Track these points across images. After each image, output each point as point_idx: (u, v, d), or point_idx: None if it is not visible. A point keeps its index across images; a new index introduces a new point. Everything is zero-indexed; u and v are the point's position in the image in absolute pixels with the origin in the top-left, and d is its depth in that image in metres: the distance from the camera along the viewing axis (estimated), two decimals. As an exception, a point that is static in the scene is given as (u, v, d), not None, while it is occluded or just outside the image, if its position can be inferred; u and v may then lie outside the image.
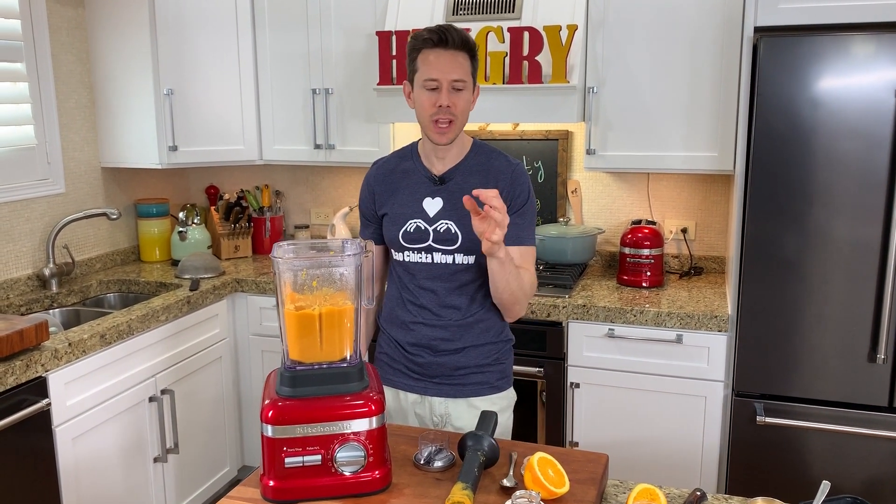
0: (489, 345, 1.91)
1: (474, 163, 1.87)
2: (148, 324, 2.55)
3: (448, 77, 1.75)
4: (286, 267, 1.33)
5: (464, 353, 1.89)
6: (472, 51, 1.79)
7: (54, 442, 2.22)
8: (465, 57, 1.78)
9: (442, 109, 1.76)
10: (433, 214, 1.85)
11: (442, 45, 1.75)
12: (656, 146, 2.73)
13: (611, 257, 3.16)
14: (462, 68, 1.77)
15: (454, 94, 1.76)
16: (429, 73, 1.75)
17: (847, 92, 2.20)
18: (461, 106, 1.78)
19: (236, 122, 3.15)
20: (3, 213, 2.73)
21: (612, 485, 1.46)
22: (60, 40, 2.93)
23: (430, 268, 1.86)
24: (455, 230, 1.83)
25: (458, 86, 1.76)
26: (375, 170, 1.97)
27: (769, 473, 2.45)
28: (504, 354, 1.97)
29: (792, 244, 2.32)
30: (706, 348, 2.52)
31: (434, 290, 1.87)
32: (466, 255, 1.85)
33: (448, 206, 1.84)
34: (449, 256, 1.85)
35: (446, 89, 1.75)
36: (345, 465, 1.32)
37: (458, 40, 1.76)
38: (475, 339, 1.89)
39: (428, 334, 1.88)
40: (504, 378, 1.97)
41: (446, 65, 1.75)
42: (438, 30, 1.76)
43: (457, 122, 1.79)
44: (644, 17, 2.66)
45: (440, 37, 1.75)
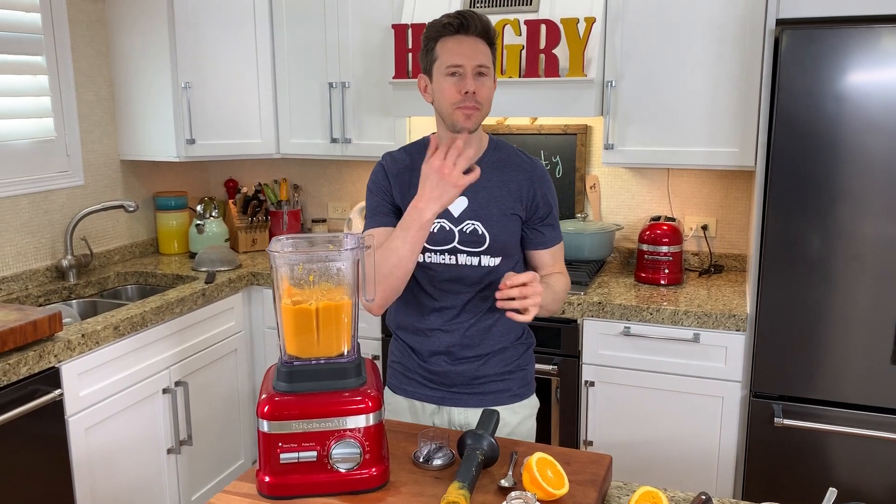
0: (510, 348, 1.84)
1: (494, 158, 1.79)
2: (162, 316, 2.56)
3: (472, 62, 1.66)
4: (283, 261, 1.31)
5: (484, 360, 1.81)
6: (491, 40, 1.72)
7: (67, 432, 2.23)
8: (486, 45, 1.70)
9: (468, 96, 1.66)
10: (458, 214, 1.76)
11: (463, 31, 1.68)
12: (676, 141, 2.68)
13: (629, 254, 3.11)
14: (486, 53, 1.70)
15: (478, 81, 1.68)
16: (451, 59, 1.67)
17: (872, 86, 2.14)
18: (485, 94, 1.70)
19: (253, 115, 3.15)
20: (23, 205, 2.76)
21: (616, 486, 1.43)
22: (81, 34, 2.96)
23: (453, 269, 1.77)
24: (482, 231, 1.75)
25: (482, 71, 1.68)
26: (390, 161, 1.84)
27: (787, 477, 2.40)
28: (526, 359, 1.89)
29: (813, 242, 2.26)
30: (724, 348, 2.47)
31: (457, 292, 1.78)
32: (493, 256, 1.77)
33: (474, 205, 1.76)
34: (475, 258, 1.76)
35: (471, 75, 1.66)
36: (340, 461, 1.31)
37: (479, 26, 1.68)
38: (495, 344, 1.81)
39: (447, 341, 1.79)
40: (526, 385, 1.88)
41: (469, 50, 1.67)
42: (459, 15, 1.68)
43: (482, 110, 1.71)
44: (664, 9, 2.61)
45: (461, 22, 1.67)
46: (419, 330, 1.82)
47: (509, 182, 1.78)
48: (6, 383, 2.03)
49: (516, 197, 1.78)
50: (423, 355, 1.83)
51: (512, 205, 1.77)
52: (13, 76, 2.68)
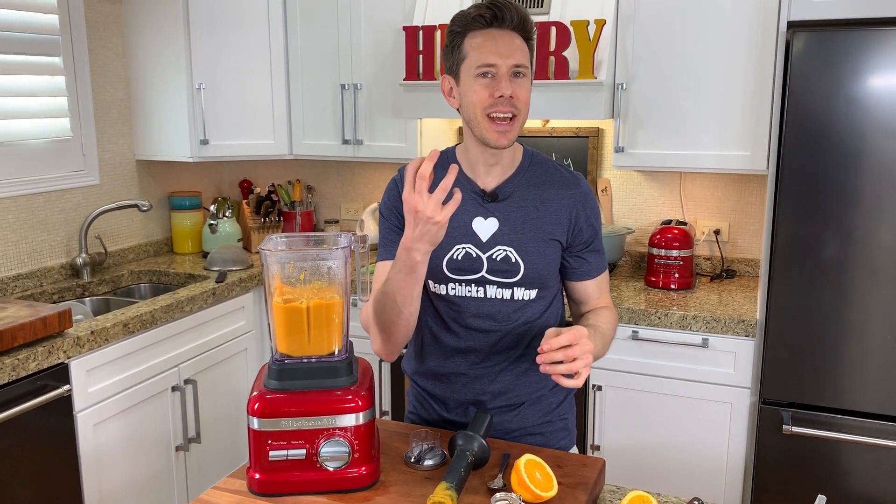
0: (548, 396, 1.61)
1: (530, 174, 1.55)
2: (172, 314, 2.58)
3: (508, 61, 1.42)
4: (274, 259, 1.32)
5: (519, 410, 1.59)
6: (529, 34, 1.47)
7: (75, 427, 2.26)
8: (522, 40, 1.46)
9: (503, 100, 1.42)
10: (486, 239, 1.51)
11: (496, 24, 1.43)
12: (687, 144, 2.65)
13: (640, 258, 3.09)
14: (523, 53, 1.45)
15: (515, 82, 1.44)
16: (483, 57, 1.42)
17: (883, 89, 2.10)
18: (524, 97, 1.45)
19: (266, 116, 3.18)
20: (39, 204, 2.80)
21: (609, 490, 1.42)
22: (98, 35, 3.00)
23: (481, 304, 1.53)
24: (516, 258, 1.51)
25: (520, 71, 1.44)
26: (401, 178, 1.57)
27: (796, 485, 2.37)
28: (566, 407, 1.66)
29: (824, 247, 2.23)
30: (733, 353, 2.44)
31: (486, 330, 1.55)
32: (528, 288, 1.53)
33: (506, 228, 1.51)
34: (507, 290, 1.52)
35: (506, 76, 1.43)
36: (329, 460, 1.31)
37: (515, 18, 1.44)
38: (533, 391, 1.59)
39: (476, 388, 1.57)
40: (567, 436, 1.67)
41: (504, 46, 1.43)
42: (491, 5, 1.43)
43: (519, 116, 1.46)
44: (675, 11, 2.59)
45: (494, 13, 1.42)
46: (441, 375, 1.60)
47: (548, 202, 1.53)
48: (15, 378, 2.06)
49: (556, 219, 1.53)
50: (448, 405, 1.61)
51: (551, 228, 1.53)
52: (31, 77, 2.73)
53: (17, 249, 2.74)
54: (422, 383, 1.65)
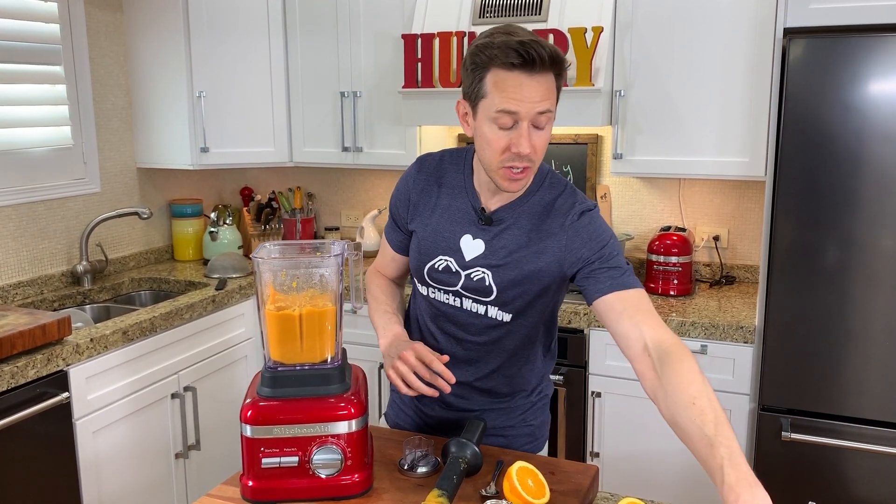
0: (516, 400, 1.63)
1: (536, 201, 1.48)
2: (172, 321, 2.59)
3: (532, 111, 1.31)
4: (266, 267, 1.33)
5: (482, 413, 1.62)
6: (561, 69, 1.35)
7: (74, 435, 2.27)
8: (553, 79, 1.34)
9: (518, 156, 1.35)
10: (469, 258, 1.50)
11: (526, 68, 1.30)
12: (685, 151, 2.66)
13: (639, 264, 3.09)
14: (550, 97, 1.33)
15: (535, 134, 1.34)
16: (505, 103, 1.31)
17: (880, 95, 2.10)
18: (541, 147, 1.36)
19: (267, 124, 3.19)
20: (40, 212, 2.82)
21: (602, 497, 1.42)
22: (99, 44, 3.02)
23: (457, 312, 1.54)
24: (490, 282, 1.49)
25: (541, 122, 1.34)
26: (419, 168, 1.58)
27: (795, 492, 2.36)
28: (532, 413, 1.65)
29: (823, 252, 2.23)
30: (732, 360, 2.44)
31: (459, 338, 1.56)
32: (502, 310, 1.51)
33: (489, 253, 1.48)
34: (481, 307, 1.52)
35: (527, 127, 1.33)
36: (321, 467, 1.31)
37: (547, 59, 1.30)
38: (498, 401, 1.61)
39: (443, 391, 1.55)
40: (532, 443, 1.66)
41: (532, 94, 1.30)
42: (523, 47, 1.28)
43: (533, 167, 1.39)
44: (673, 18, 2.59)
45: (525, 57, 1.28)
46: None
47: (543, 232, 1.47)
48: (14, 386, 2.07)
49: (545, 248, 1.46)
50: (422, 398, 1.64)
51: (537, 260, 1.46)
52: (32, 85, 2.74)
53: (18, 257, 2.76)
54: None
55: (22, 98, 2.71)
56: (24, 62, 2.70)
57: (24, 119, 2.73)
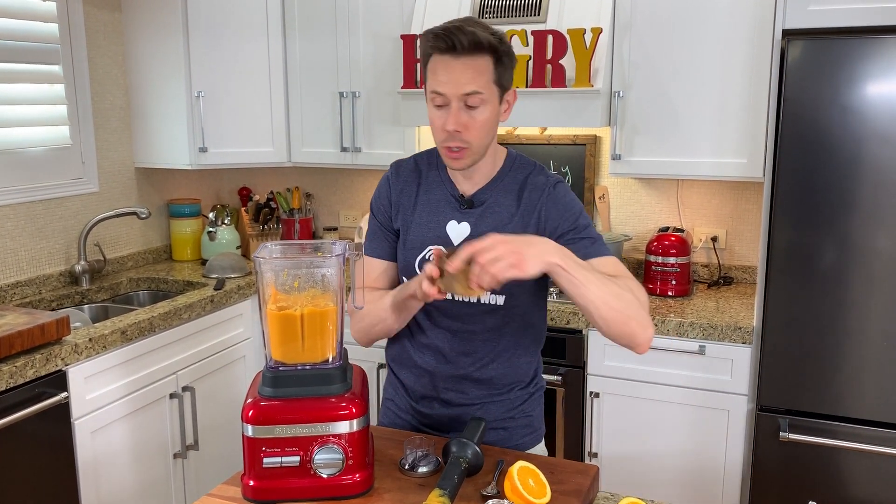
0: (513, 393, 1.63)
1: (509, 180, 1.55)
2: (170, 321, 2.59)
3: (457, 92, 1.40)
4: (268, 267, 1.33)
5: (481, 406, 1.61)
6: (493, 50, 1.41)
7: (73, 434, 2.27)
8: (487, 60, 1.41)
9: (452, 134, 1.44)
10: (457, 243, 1.54)
11: (450, 52, 1.40)
12: (684, 152, 2.66)
13: (638, 265, 3.09)
14: (478, 78, 1.40)
15: (467, 114, 1.42)
16: (434, 85, 1.43)
17: (878, 96, 2.11)
18: (475, 128, 1.43)
19: (265, 124, 3.19)
20: (38, 211, 2.81)
21: (602, 497, 1.42)
22: (97, 43, 3.02)
23: (449, 305, 1.56)
24: None
25: (472, 102, 1.41)
26: (395, 172, 1.64)
27: (793, 492, 2.36)
28: (530, 404, 1.67)
29: (821, 253, 2.24)
30: (729, 360, 2.44)
31: (452, 331, 1.58)
32: (494, 293, 1.53)
33: (476, 233, 1.52)
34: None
35: (456, 108, 1.42)
36: (322, 467, 1.32)
37: (468, 43, 1.38)
38: (497, 394, 1.61)
39: (440, 385, 1.60)
40: (532, 434, 1.67)
41: (455, 77, 1.40)
42: (445, 32, 1.39)
43: (471, 148, 1.46)
44: (672, 19, 2.60)
45: (447, 42, 1.39)
46: (414, 367, 1.64)
47: (524, 208, 1.54)
48: (13, 385, 2.07)
49: (526, 223, 1.53)
50: (415, 397, 1.65)
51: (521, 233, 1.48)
52: (31, 85, 2.74)
53: (17, 257, 2.75)
54: (395, 370, 1.70)
55: (20, 97, 2.71)
56: (23, 61, 2.70)
57: (22, 118, 2.72)
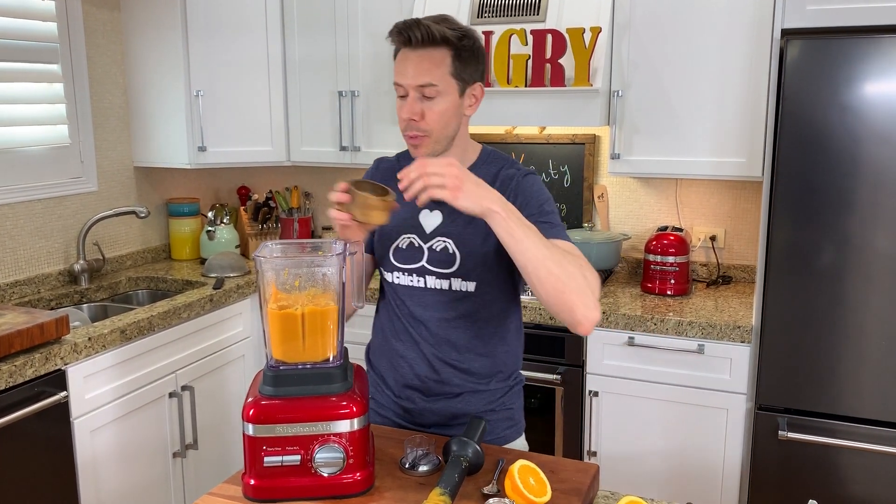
0: (493, 384, 1.66)
1: (482, 173, 1.57)
2: (170, 320, 2.59)
3: (412, 82, 1.48)
4: (268, 266, 1.33)
5: (462, 398, 1.63)
6: (451, 44, 1.48)
7: (72, 434, 2.26)
8: (445, 53, 1.48)
9: (409, 124, 1.52)
10: (430, 231, 1.60)
11: (407, 45, 1.49)
12: (683, 151, 2.67)
13: (637, 264, 3.10)
14: (434, 70, 1.48)
15: (423, 104, 1.49)
16: (395, 77, 1.52)
17: (877, 96, 2.12)
18: (432, 118, 1.50)
19: (264, 123, 3.19)
20: (37, 210, 2.81)
21: (602, 496, 1.42)
22: (96, 42, 3.01)
23: (423, 294, 1.61)
24: (453, 249, 1.58)
25: (428, 93, 1.48)
26: (376, 167, 1.74)
27: (792, 491, 2.37)
28: (511, 397, 1.70)
29: (820, 253, 2.24)
30: (728, 359, 2.45)
31: (427, 320, 1.61)
32: (465, 280, 1.58)
33: (448, 221, 1.59)
34: (444, 281, 1.59)
35: (412, 98, 1.49)
36: (323, 466, 1.32)
37: (422, 36, 1.46)
38: (476, 384, 1.64)
39: (420, 374, 1.63)
40: (513, 427, 1.71)
41: (411, 67, 1.48)
42: (403, 27, 1.48)
43: (430, 137, 1.52)
44: (670, 19, 2.60)
45: (404, 36, 1.48)
46: (393, 359, 1.67)
47: None
48: (12, 385, 2.07)
49: None
50: (395, 389, 1.67)
51: None
52: (29, 84, 2.74)
53: (15, 256, 2.75)
54: (378, 366, 1.72)
55: (19, 96, 2.71)
56: (22, 60, 2.70)
57: (21, 117, 2.72)
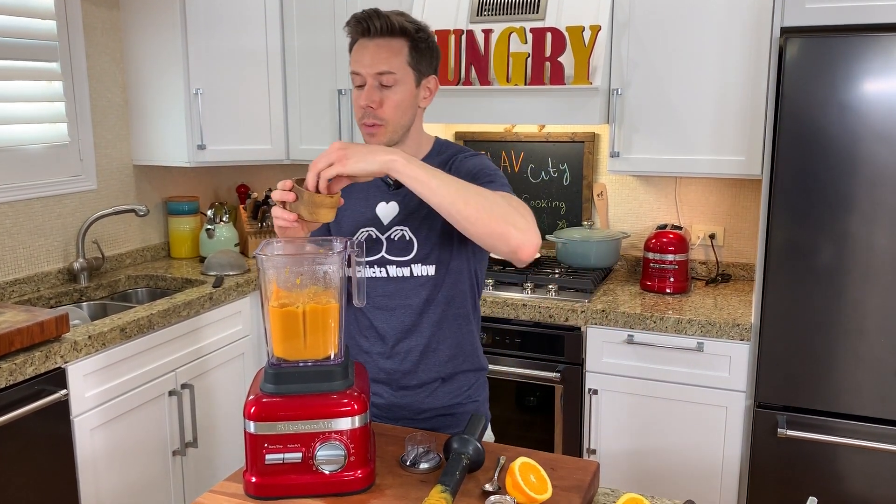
0: (459, 376, 1.69)
1: (434, 162, 1.59)
2: (169, 319, 2.59)
3: (370, 70, 1.52)
4: (270, 264, 1.33)
5: (428, 389, 1.67)
6: (408, 35, 1.53)
7: (72, 432, 2.27)
8: (402, 43, 1.53)
9: (366, 112, 1.54)
10: (387, 222, 1.64)
11: (366, 35, 1.53)
12: (682, 149, 2.67)
13: (636, 262, 3.10)
14: (392, 59, 1.52)
15: (380, 92, 1.53)
16: (352, 66, 1.55)
17: (877, 94, 2.12)
18: (389, 106, 1.54)
19: (264, 121, 3.19)
20: (36, 209, 2.81)
21: (603, 493, 1.43)
22: (95, 40, 3.01)
23: (385, 283, 1.64)
24: (410, 236, 1.62)
25: (385, 81, 1.52)
26: None
27: (791, 489, 2.38)
28: (477, 389, 1.74)
29: (819, 251, 2.25)
30: (727, 357, 2.45)
31: (391, 309, 1.64)
32: (424, 264, 1.62)
33: (404, 210, 1.63)
34: (405, 269, 1.62)
35: (370, 86, 1.53)
36: (324, 463, 1.32)
37: (381, 26, 1.51)
38: (441, 370, 1.67)
39: (386, 367, 1.66)
40: None
41: (369, 56, 1.52)
42: (362, 17, 1.53)
43: (387, 126, 1.55)
44: (670, 17, 2.61)
45: (363, 26, 1.52)
46: (357, 351, 1.70)
47: None
48: (12, 383, 2.07)
49: None
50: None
51: None
52: (28, 82, 2.74)
53: (15, 254, 2.75)
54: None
55: (18, 94, 2.70)
56: (21, 58, 2.69)
57: (20, 115, 2.72)
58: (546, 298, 2.68)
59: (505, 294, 2.73)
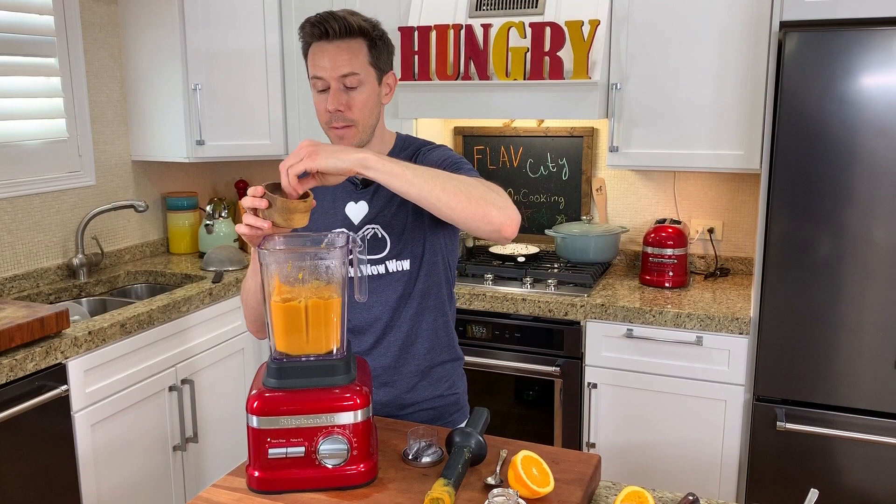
0: (437, 368, 1.70)
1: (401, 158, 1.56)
2: (169, 314, 2.59)
3: (334, 73, 1.50)
4: (272, 259, 1.33)
5: (412, 385, 1.68)
6: (366, 34, 1.53)
7: (73, 428, 2.27)
8: (361, 43, 1.52)
9: (334, 115, 1.53)
10: (357, 221, 1.63)
11: (325, 38, 1.50)
12: (681, 144, 2.67)
13: (635, 257, 3.11)
14: (353, 60, 1.51)
15: (346, 94, 1.52)
16: (314, 70, 1.52)
17: (875, 88, 2.12)
18: (357, 106, 1.53)
19: (262, 116, 3.19)
20: (35, 205, 2.81)
21: (604, 486, 1.43)
22: (94, 36, 3.01)
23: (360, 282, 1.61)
24: (382, 234, 1.62)
25: (349, 82, 1.51)
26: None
27: (790, 481, 2.39)
28: (457, 380, 1.76)
29: (817, 245, 2.25)
30: (727, 351, 2.46)
31: (369, 306, 1.65)
32: (399, 259, 1.63)
33: (373, 208, 1.63)
34: (380, 266, 1.63)
35: (335, 89, 1.51)
36: (327, 457, 1.32)
37: (339, 28, 1.49)
38: (420, 362, 1.68)
39: (369, 363, 1.66)
40: (459, 410, 1.76)
41: (330, 59, 1.50)
42: (319, 21, 1.50)
43: (357, 126, 1.54)
44: (669, 12, 2.61)
45: (321, 29, 1.50)
46: None
47: None
48: (13, 379, 2.07)
49: None
50: None
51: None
52: (27, 78, 2.73)
53: (14, 250, 2.75)
54: None
55: (16, 90, 2.70)
56: (19, 54, 2.69)
57: (18, 111, 2.71)
58: (545, 293, 2.69)
59: (504, 289, 2.74)
